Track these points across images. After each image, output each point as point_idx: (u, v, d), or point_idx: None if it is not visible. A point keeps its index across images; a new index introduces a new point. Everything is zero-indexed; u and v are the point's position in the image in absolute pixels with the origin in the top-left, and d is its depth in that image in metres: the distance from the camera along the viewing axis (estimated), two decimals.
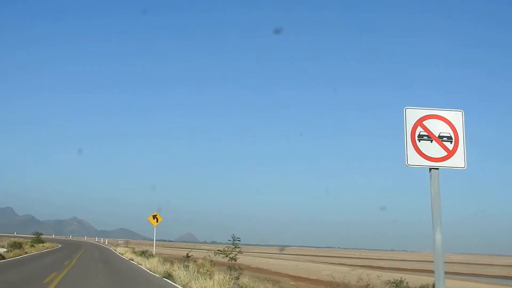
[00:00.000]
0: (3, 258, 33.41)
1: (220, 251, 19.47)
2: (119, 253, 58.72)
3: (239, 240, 19.04)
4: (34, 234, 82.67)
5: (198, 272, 21.10)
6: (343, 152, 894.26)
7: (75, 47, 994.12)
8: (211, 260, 24.12)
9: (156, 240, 47.64)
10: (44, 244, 69.43)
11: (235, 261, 18.99)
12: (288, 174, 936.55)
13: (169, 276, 23.49)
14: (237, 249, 19.10)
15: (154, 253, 44.54)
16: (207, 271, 20.42)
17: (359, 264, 79.07)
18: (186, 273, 21.03)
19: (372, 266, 75.17)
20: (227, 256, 19.12)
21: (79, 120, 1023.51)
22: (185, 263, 25.82)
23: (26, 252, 45.46)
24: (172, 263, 29.73)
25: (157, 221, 43.35)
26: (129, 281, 23.07)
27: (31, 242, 69.21)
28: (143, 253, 44.69)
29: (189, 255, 28.44)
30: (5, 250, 44.44)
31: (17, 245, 51.40)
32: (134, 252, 50.54)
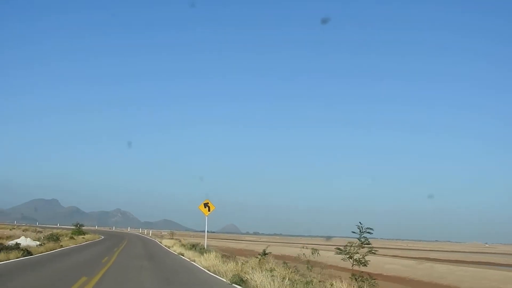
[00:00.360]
0: (30, 253, 27.44)
1: (341, 249, 12.31)
2: (166, 246, 52.80)
3: (370, 233, 11.83)
4: (74, 226, 78.36)
5: (289, 279, 14.26)
6: (389, 143, 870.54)
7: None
8: (308, 261, 17.16)
9: (202, 231, 41.37)
10: (85, 236, 64.97)
11: (366, 266, 11.78)
12: (332, 164, 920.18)
13: (241, 281, 16.82)
14: (368, 247, 11.92)
15: (205, 246, 38.46)
16: (309, 278, 13.50)
17: (411, 256, 71.95)
18: (271, 280, 14.24)
19: (429, 258, 68.20)
20: (350, 257, 11.92)
21: (125, 113, 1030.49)
22: (262, 263, 18.98)
23: (62, 246, 39.87)
24: (235, 261, 23.14)
25: (209, 210, 37.34)
26: None
27: (71, 233, 64.98)
28: (193, 247, 38.47)
29: (266, 251, 21.45)
30: (38, 243, 39.00)
31: (53, 238, 46.42)
32: (183, 245, 44.55)
